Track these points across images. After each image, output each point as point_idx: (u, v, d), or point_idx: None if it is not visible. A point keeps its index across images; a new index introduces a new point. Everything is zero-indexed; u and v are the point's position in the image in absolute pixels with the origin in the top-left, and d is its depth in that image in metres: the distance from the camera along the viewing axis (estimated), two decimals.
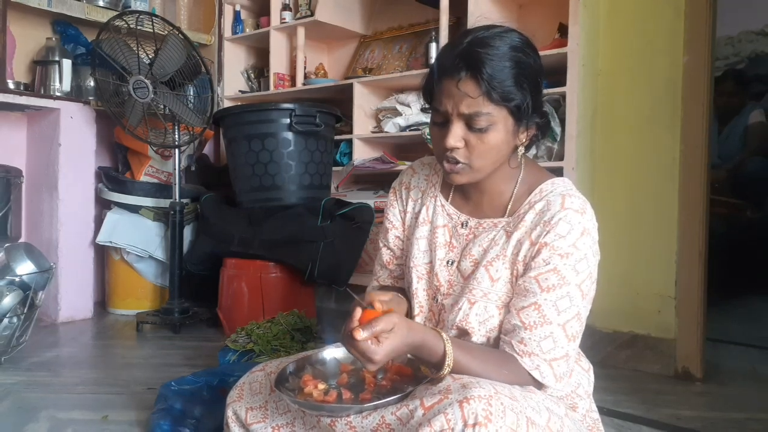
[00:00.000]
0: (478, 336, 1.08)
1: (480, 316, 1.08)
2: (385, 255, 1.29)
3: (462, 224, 1.16)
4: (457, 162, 1.05)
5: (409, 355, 1.04)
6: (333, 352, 1.15)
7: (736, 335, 2.68)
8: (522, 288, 1.05)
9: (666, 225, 2.24)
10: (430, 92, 1.11)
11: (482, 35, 1.03)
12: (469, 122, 1.02)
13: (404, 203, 1.25)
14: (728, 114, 4.05)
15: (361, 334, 0.90)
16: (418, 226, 1.20)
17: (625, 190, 2.34)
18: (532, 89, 1.03)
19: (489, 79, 0.99)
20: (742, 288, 3.29)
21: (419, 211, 1.21)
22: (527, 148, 1.13)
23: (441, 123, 1.06)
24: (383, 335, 0.92)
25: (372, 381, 1.06)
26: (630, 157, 2.34)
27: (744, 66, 4.72)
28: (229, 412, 1.20)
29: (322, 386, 1.04)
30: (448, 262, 1.15)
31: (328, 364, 1.14)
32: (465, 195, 1.18)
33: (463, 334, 1.10)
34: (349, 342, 0.92)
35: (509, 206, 1.11)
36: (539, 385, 1.03)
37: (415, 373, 1.07)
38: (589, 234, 1.04)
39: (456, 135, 1.03)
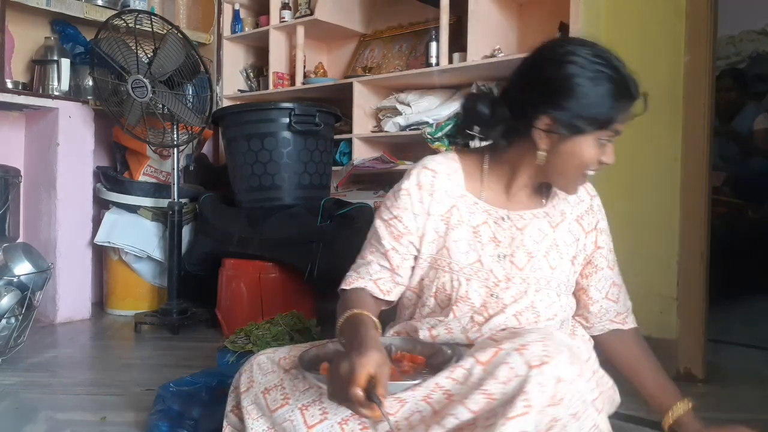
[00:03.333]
0: (543, 320, 1.16)
1: (544, 302, 1.16)
2: (395, 258, 1.20)
3: (502, 218, 1.19)
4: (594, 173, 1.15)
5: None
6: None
7: (738, 336, 2.67)
8: (597, 274, 1.25)
9: (667, 225, 2.23)
10: (608, 114, 1.10)
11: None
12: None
13: (427, 208, 1.19)
14: (728, 112, 4.05)
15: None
16: (452, 229, 1.18)
17: (625, 191, 2.33)
18: None
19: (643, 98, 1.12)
20: (745, 288, 3.29)
21: (449, 213, 1.18)
22: None
23: (605, 141, 1.12)
24: None
25: (395, 369, 1.04)
26: (631, 157, 2.33)
27: (745, 65, 4.72)
28: (245, 402, 1.14)
29: None
30: (499, 257, 1.17)
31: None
32: (499, 190, 1.21)
33: (531, 317, 1.15)
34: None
35: (545, 195, 1.23)
36: None
37: (429, 360, 1.09)
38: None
39: (613, 151, 1.14)
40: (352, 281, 1.23)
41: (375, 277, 1.21)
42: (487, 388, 0.94)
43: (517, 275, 1.16)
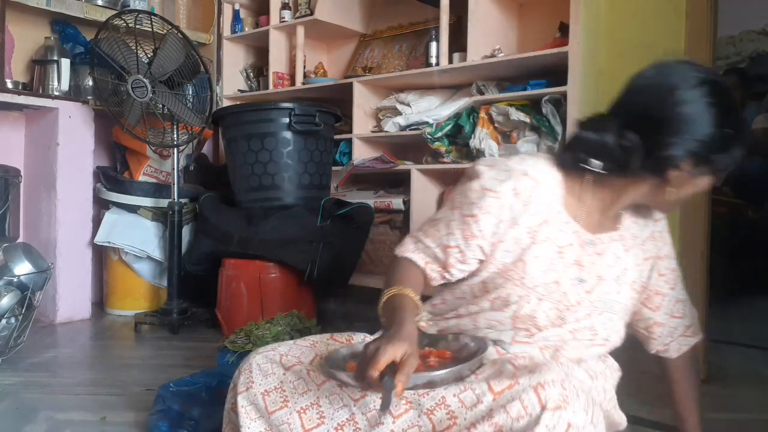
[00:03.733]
0: (599, 340, 1.17)
1: (605, 324, 1.16)
2: (454, 257, 1.12)
3: (588, 242, 1.14)
4: None
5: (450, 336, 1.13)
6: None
7: (738, 336, 2.67)
8: (662, 300, 1.25)
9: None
10: (736, 154, 1.05)
11: None
12: None
13: (516, 216, 1.08)
14: None
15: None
16: (537, 244, 1.09)
17: None
18: None
19: None
20: (745, 289, 3.29)
21: (538, 229, 1.10)
22: None
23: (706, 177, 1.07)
24: None
25: (421, 365, 1.03)
26: None
27: (745, 65, 4.72)
28: (243, 402, 1.13)
29: None
30: (579, 280, 1.12)
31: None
32: (600, 212, 1.15)
33: (583, 335, 1.15)
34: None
35: (617, 217, 1.18)
36: None
37: (455, 355, 1.08)
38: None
39: None
40: (408, 250, 1.16)
41: (427, 260, 1.15)
42: (496, 420, 0.92)
43: (586, 299, 1.13)
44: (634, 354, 2.35)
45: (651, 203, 1.15)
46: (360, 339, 1.26)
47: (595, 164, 1.07)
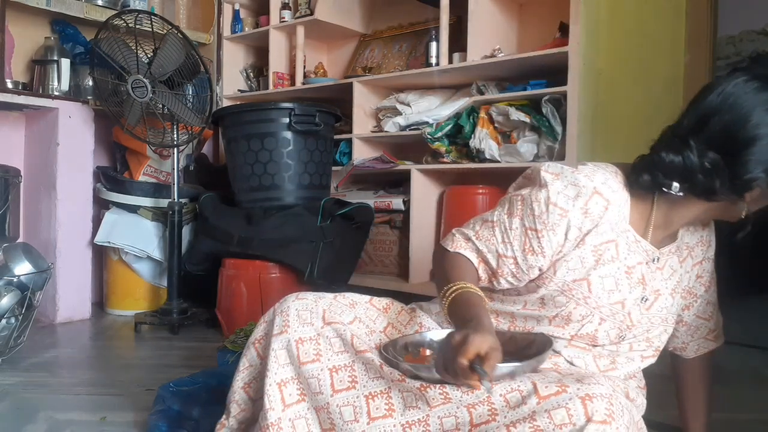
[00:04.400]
0: (653, 348, 1.18)
1: (659, 337, 1.18)
2: (507, 267, 1.10)
3: (654, 260, 1.13)
4: None
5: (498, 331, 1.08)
6: (434, 335, 1.17)
7: (738, 336, 2.66)
8: (695, 301, 1.24)
9: None
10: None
11: None
12: None
13: (583, 235, 1.06)
14: None
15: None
16: (603, 264, 1.07)
17: None
18: None
19: None
20: (745, 289, 3.28)
21: (604, 248, 1.07)
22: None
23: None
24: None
25: None
26: (631, 157, 2.32)
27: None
28: (275, 345, 1.10)
29: (429, 352, 1.08)
30: (642, 300, 1.12)
31: (427, 347, 1.15)
32: (665, 227, 1.12)
33: (639, 346, 1.16)
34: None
35: (677, 230, 1.17)
36: None
37: (522, 351, 1.09)
38: None
39: None
40: (460, 246, 1.13)
41: (480, 259, 1.12)
42: (538, 424, 0.91)
43: (645, 315, 1.14)
44: None
45: (722, 217, 1.13)
46: (397, 309, 1.26)
47: (676, 187, 1.04)
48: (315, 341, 1.09)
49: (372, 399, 1.03)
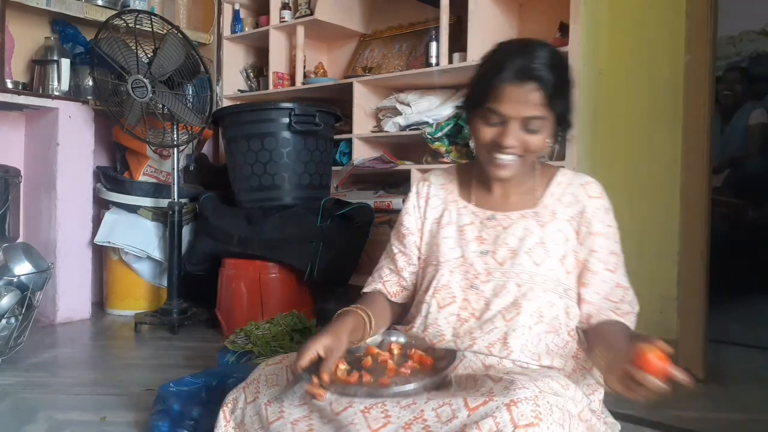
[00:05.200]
0: (526, 314, 1.19)
1: (527, 296, 1.20)
2: (400, 260, 1.39)
3: (488, 218, 1.29)
4: (510, 159, 1.20)
5: (427, 344, 1.21)
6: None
7: (737, 336, 2.67)
8: (593, 277, 1.24)
9: (667, 225, 2.23)
10: (482, 93, 1.19)
11: (550, 50, 1.18)
12: (526, 125, 1.16)
13: (423, 212, 1.37)
14: (727, 109, 4.06)
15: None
16: (443, 228, 1.32)
17: (626, 190, 2.33)
18: (571, 99, 1.22)
19: (553, 91, 1.14)
20: (744, 288, 3.28)
21: (441, 216, 1.34)
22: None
23: (496, 123, 1.18)
24: None
25: (393, 368, 1.12)
26: (631, 157, 2.33)
27: (745, 65, 4.71)
28: (251, 412, 1.18)
29: (343, 366, 1.11)
30: (482, 252, 1.26)
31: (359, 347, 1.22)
32: (488, 193, 1.32)
33: (513, 311, 1.20)
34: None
35: (537, 197, 1.28)
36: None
37: (436, 363, 1.14)
38: (610, 211, 1.28)
39: (513, 135, 1.17)
40: (367, 285, 1.42)
41: (384, 280, 1.40)
42: None
43: (497, 270, 1.23)
44: None
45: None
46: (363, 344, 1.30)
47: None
48: (279, 399, 1.15)
49: None
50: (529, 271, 1.21)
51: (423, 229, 1.36)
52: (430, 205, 1.36)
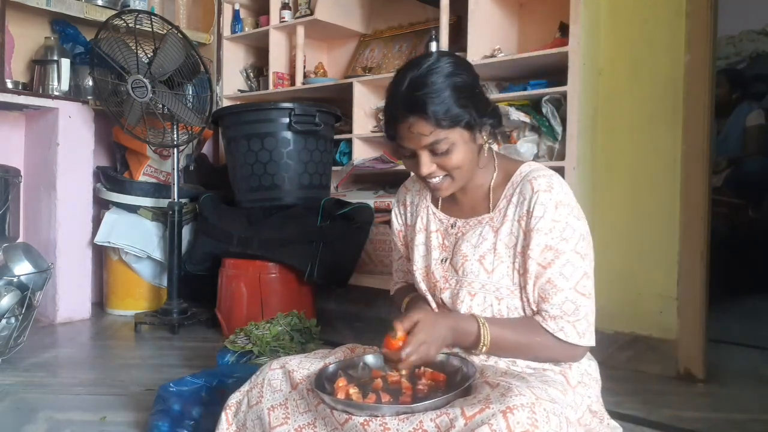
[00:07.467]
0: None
1: (480, 306, 1.19)
2: (402, 262, 1.47)
3: (451, 225, 1.29)
4: (438, 181, 1.20)
5: (442, 356, 1.17)
6: (366, 359, 1.21)
7: (738, 336, 2.67)
8: (531, 273, 1.16)
9: (667, 225, 2.22)
10: (388, 132, 1.22)
11: (416, 75, 1.14)
12: (433, 150, 1.15)
13: (404, 218, 1.42)
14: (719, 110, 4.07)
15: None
16: (416, 234, 1.35)
17: (626, 190, 2.33)
18: (474, 101, 1.16)
19: (434, 114, 1.11)
20: (744, 288, 3.29)
21: (415, 222, 1.36)
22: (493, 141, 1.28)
23: (408, 155, 1.20)
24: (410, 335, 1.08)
25: (409, 387, 1.10)
26: (631, 157, 2.33)
27: (745, 65, 4.72)
28: (252, 416, 1.19)
29: (353, 390, 1.09)
30: (442, 260, 1.28)
31: (359, 370, 1.19)
32: (453, 200, 1.31)
33: None
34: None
35: (491, 201, 1.25)
36: (567, 350, 1.16)
37: (449, 378, 1.12)
38: (562, 204, 1.17)
39: (426, 164, 1.17)
40: (392, 285, 1.52)
41: (403, 270, 1.47)
42: None
43: (453, 278, 1.25)
44: (633, 354, 2.36)
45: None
46: (361, 350, 1.31)
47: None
48: (284, 405, 1.17)
49: None
50: (481, 280, 1.20)
51: (407, 236, 1.41)
52: (408, 211, 1.41)
